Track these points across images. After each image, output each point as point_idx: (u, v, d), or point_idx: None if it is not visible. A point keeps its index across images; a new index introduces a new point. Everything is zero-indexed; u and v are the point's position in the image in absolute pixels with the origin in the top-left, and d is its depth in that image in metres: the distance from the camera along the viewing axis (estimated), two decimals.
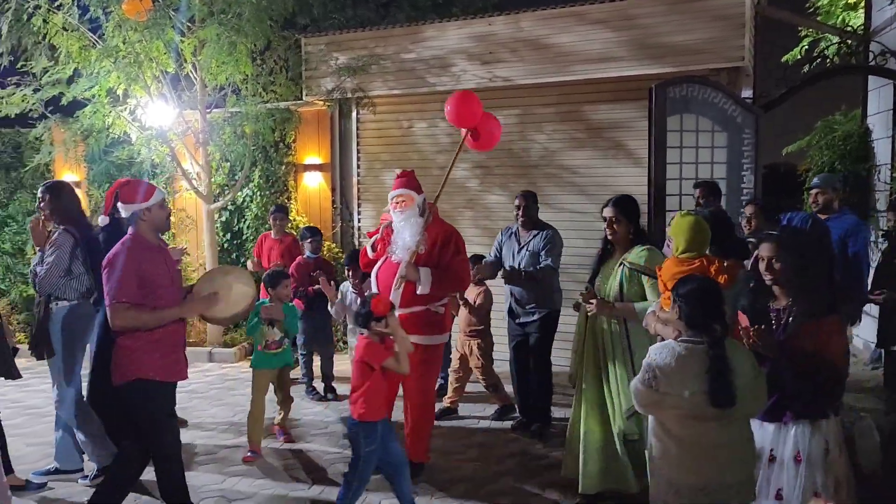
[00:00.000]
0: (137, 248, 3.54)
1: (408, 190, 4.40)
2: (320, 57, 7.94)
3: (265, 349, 4.97)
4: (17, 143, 9.30)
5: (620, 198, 3.99)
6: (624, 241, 3.95)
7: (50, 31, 6.94)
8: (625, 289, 3.84)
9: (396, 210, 4.35)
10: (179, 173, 7.86)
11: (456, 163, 7.75)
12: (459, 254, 4.42)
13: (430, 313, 4.35)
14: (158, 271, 3.57)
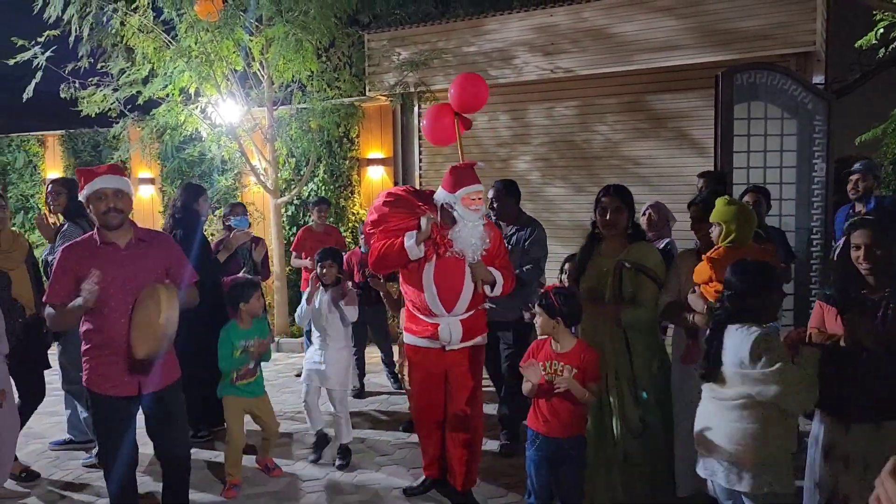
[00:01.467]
0: (79, 247, 3.23)
1: (482, 186, 3.90)
2: (383, 53, 8.06)
3: (237, 380, 4.27)
4: (96, 142, 9.74)
5: (620, 186, 3.66)
6: (621, 235, 3.59)
7: (127, 33, 7.26)
8: (623, 289, 3.50)
9: (473, 209, 3.76)
10: (248, 169, 8.11)
11: (516, 155, 7.92)
12: (506, 252, 4.13)
13: (483, 312, 4.04)
14: (103, 271, 3.10)
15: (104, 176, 3.20)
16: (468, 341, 3.91)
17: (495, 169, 8.12)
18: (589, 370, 3.21)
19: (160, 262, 3.35)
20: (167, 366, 3.36)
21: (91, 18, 7.06)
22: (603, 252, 3.65)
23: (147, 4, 7.19)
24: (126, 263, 3.22)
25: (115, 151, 8.30)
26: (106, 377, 3.22)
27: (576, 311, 3.28)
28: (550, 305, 3.22)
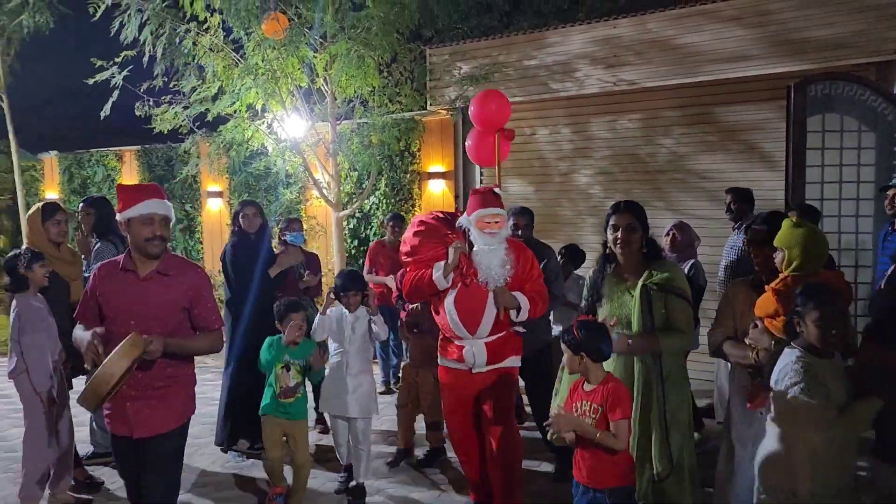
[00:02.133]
0: (108, 266, 3.09)
1: (502, 210, 3.88)
2: (444, 67, 8.09)
3: (280, 396, 4.13)
4: (168, 157, 10.11)
5: (633, 203, 3.39)
6: (637, 255, 3.33)
7: (198, 53, 7.50)
8: (655, 315, 3.24)
9: (487, 233, 3.76)
10: (311, 182, 8.25)
11: (577, 169, 7.80)
12: (539, 274, 3.97)
13: (514, 335, 3.95)
14: (113, 299, 2.98)
15: (154, 200, 2.98)
16: (496, 364, 3.86)
17: (555, 183, 8.03)
18: (612, 406, 2.88)
19: (179, 299, 3.05)
20: (166, 409, 3.05)
21: (164, 39, 7.32)
22: (619, 275, 3.40)
23: (217, 24, 7.41)
24: (141, 296, 2.98)
25: (186, 166, 8.56)
26: (110, 416, 3.06)
27: (603, 345, 2.98)
28: (573, 340, 2.97)
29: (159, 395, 3.02)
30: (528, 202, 8.13)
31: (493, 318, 3.78)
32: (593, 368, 2.97)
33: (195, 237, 10.15)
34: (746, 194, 5.68)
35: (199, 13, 7.24)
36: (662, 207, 7.29)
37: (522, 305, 3.80)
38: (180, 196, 10.17)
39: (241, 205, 5.46)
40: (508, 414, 3.89)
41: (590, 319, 3.09)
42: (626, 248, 3.30)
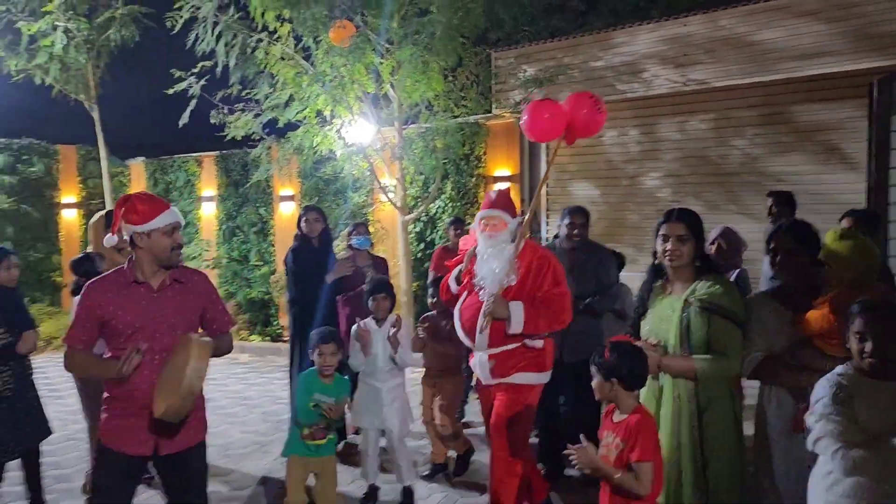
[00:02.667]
0: (104, 283, 2.88)
1: (500, 211, 3.68)
2: (509, 70, 8.06)
3: (307, 437, 3.78)
4: (244, 163, 10.44)
5: (687, 210, 3.08)
6: (688, 268, 3.04)
7: (270, 62, 7.73)
8: (692, 335, 2.93)
9: (484, 234, 3.67)
10: (377, 186, 8.36)
11: (645, 172, 7.62)
12: (559, 285, 3.67)
13: (526, 350, 3.65)
14: (125, 315, 2.83)
15: (171, 210, 2.91)
16: (502, 378, 3.65)
17: (622, 186, 7.88)
18: (632, 445, 2.60)
19: (196, 306, 3.00)
20: (192, 426, 2.95)
21: (237, 49, 7.57)
22: (665, 288, 3.13)
23: (287, 33, 7.62)
24: (157, 307, 2.88)
25: (257, 170, 8.82)
26: (120, 434, 2.86)
27: (638, 371, 2.72)
28: (604, 364, 2.71)
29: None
30: (594, 206, 8.02)
31: (491, 328, 3.58)
32: (624, 397, 2.71)
33: (268, 240, 10.45)
34: (788, 197, 5.50)
35: (271, 23, 7.45)
36: (734, 211, 7.05)
37: (514, 317, 3.53)
38: (254, 200, 10.50)
39: (304, 209, 5.58)
40: (512, 430, 3.63)
41: (624, 341, 2.82)
42: (675, 261, 3.01)
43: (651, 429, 2.66)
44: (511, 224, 3.68)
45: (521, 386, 3.66)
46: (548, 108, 3.65)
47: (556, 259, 3.74)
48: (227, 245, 10.84)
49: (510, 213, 3.71)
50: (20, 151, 10.97)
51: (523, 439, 3.71)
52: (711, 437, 2.91)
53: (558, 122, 3.61)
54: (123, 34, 9.91)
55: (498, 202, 3.72)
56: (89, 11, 9.81)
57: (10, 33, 9.60)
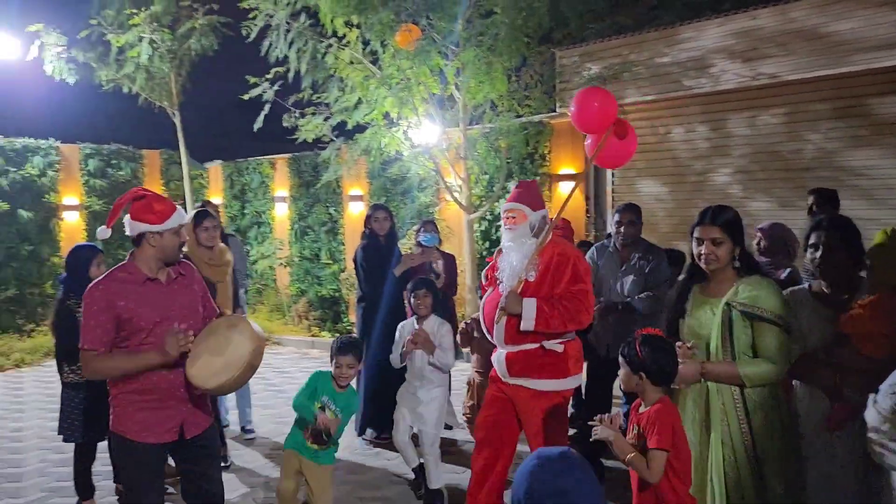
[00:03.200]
0: (112, 283, 2.93)
1: (520, 204, 3.61)
2: (573, 68, 8.06)
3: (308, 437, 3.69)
4: (315, 164, 10.78)
5: (722, 210, 2.93)
6: (727, 270, 2.92)
7: (339, 66, 7.98)
8: (735, 339, 2.84)
9: (506, 227, 3.64)
10: (442, 186, 8.51)
11: (714, 168, 7.48)
12: (579, 283, 3.53)
13: (545, 352, 3.54)
14: (146, 311, 2.92)
15: (180, 209, 3.07)
16: (518, 379, 3.57)
17: (690, 183, 7.77)
18: (649, 432, 2.61)
19: (197, 295, 3.16)
20: (205, 404, 3.17)
21: (308, 55, 7.85)
22: (704, 290, 3.00)
23: (356, 39, 7.85)
24: (171, 301, 3.01)
25: (327, 171, 9.10)
26: (148, 425, 2.95)
27: (667, 366, 2.68)
28: (633, 357, 2.69)
29: (199, 394, 3.06)
30: (660, 203, 7.95)
31: (504, 325, 3.54)
32: (650, 390, 2.70)
33: (338, 238, 10.75)
34: (830, 195, 5.33)
35: (340, 29, 7.70)
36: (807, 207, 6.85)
37: (525, 313, 3.44)
38: (325, 200, 10.82)
39: (373, 208, 5.77)
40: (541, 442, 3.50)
41: (654, 335, 2.75)
42: (711, 265, 2.91)
43: (669, 419, 2.63)
44: (532, 217, 3.59)
45: (548, 393, 3.56)
46: (598, 97, 3.66)
47: (580, 257, 3.66)
48: (299, 244, 11.21)
49: (532, 207, 3.63)
50: (109, 156, 11.64)
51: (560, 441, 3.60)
52: (761, 445, 2.83)
53: (608, 111, 3.60)
54: (203, 43, 10.40)
55: (520, 195, 3.66)
56: (172, 23, 10.35)
57: (100, 46, 10.22)
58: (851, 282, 2.84)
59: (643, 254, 4.60)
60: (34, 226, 10.45)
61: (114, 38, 10.00)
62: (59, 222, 10.82)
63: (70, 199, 11.02)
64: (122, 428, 2.97)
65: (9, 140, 10.49)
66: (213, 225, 5.02)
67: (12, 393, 7.61)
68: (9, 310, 10.12)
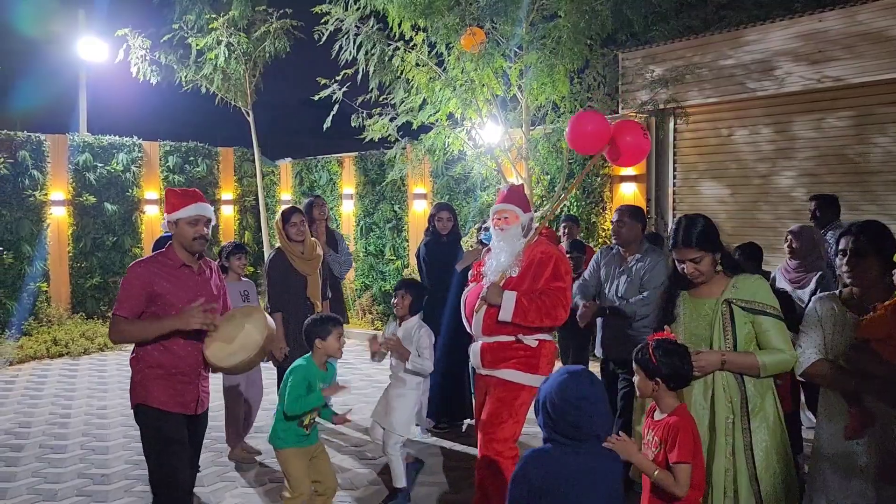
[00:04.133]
0: (153, 265, 3.30)
1: (512, 206, 3.80)
2: (636, 70, 8.12)
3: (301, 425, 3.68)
4: (381, 162, 11.11)
5: (691, 226, 2.94)
6: (712, 276, 2.99)
7: (405, 68, 8.24)
8: (737, 333, 2.91)
9: (496, 228, 3.83)
10: (504, 185, 8.68)
11: (778, 171, 7.43)
12: (558, 280, 3.69)
13: (518, 346, 3.69)
14: (179, 292, 3.27)
15: (203, 203, 3.35)
16: (492, 369, 3.73)
17: (754, 185, 7.73)
18: (671, 446, 2.58)
19: (218, 286, 3.52)
20: (208, 387, 3.51)
21: (375, 58, 8.14)
22: (699, 293, 3.03)
23: (422, 42, 8.09)
24: (200, 287, 3.35)
25: (391, 171, 9.38)
26: (174, 396, 3.28)
27: (682, 370, 2.69)
28: (648, 363, 2.68)
29: (206, 375, 3.45)
30: (723, 205, 7.93)
31: (483, 315, 3.72)
32: (666, 396, 2.69)
33: (402, 235, 11.05)
34: (831, 200, 5.41)
35: (407, 32, 7.96)
36: (875, 212, 6.75)
37: (504, 304, 3.61)
38: (390, 197, 11.14)
39: (436, 208, 5.99)
40: (488, 432, 3.64)
41: (669, 339, 2.75)
42: (698, 279, 2.98)
43: (690, 430, 2.63)
44: (523, 218, 3.79)
45: (511, 384, 3.68)
46: (591, 121, 3.84)
47: (562, 257, 3.82)
48: (364, 240, 11.57)
49: (523, 209, 3.82)
50: (187, 153, 12.27)
51: (512, 439, 3.67)
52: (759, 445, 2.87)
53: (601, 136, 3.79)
54: (277, 46, 10.84)
55: (511, 197, 3.86)
56: (248, 27, 10.82)
57: (181, 49, 10.79)
58: (883, 288, 2.75)
59: (641, 256, 4.56)
60: (118, 218, 11.12)
61: (194, 42, 10.53)
62: (140, 215, 11.48)
63: (151, 194, 11.67)
64: (154, 400, 3.27)
65: (97, 138, 11.20)
66: (300, 220, 5.31)
67: (97, 374, 8.18)
68: (94, 297, 10.82)
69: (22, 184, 10.02)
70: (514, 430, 3.69)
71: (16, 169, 10.06)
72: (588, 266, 4.91)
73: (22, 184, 10.02)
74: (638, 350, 2.75)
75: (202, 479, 4.82)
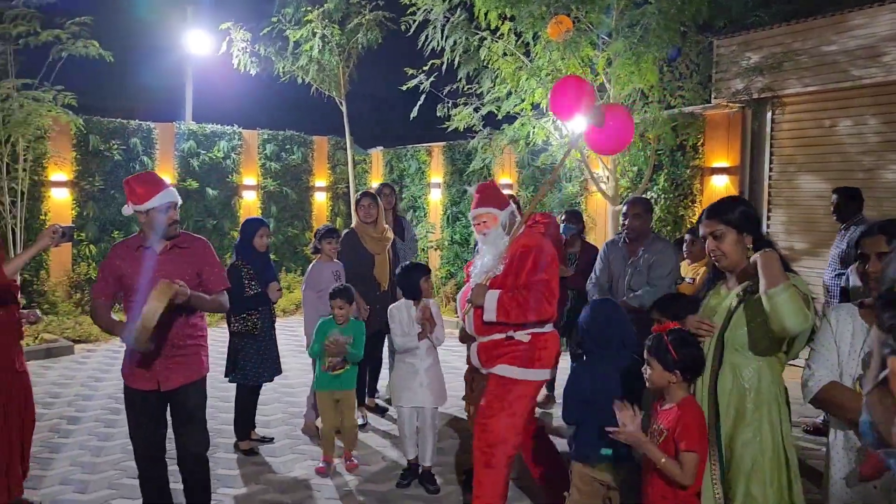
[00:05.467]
0: (119, 248, 3.48)
1: (489, 208, 3.70)
2: (731, 58, 7.79)
3: (328, 370, 4.67)
4: (468, 152, 11.16)
5: (723, 202, 2.75)
6: (742, 265, 2.68)
7: (492, 58, 8.25)
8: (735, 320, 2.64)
9: (479, 234, 3.77)
10: (589, 177, 8.55)
11: (886, 164, 6.95)
12: (538, 272, 3.56)
13: (510, 342, 3.63)
14: (135, 274, 3.38)
15: (170, 189, 3.43)
16: (489, 368, 3.71)
17: (858, 180, 7.27)
18: (680, 435, 2.54)
19: (192, 267, 3.48)
20: (187, 364, 3.50)
21: (461, 48, 8.19)
22: (726, 286, 2.80)
23: (508, 31, 8.07)
24: (159, 267, 3.37)
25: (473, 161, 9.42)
26: (132, 373, 3.44)
27: (699, 360, 2.62)
28: (665, 355, 2.60)
29: (181, 353, 3.45)
30: (824, 201, 7.51)
31: (473, 316, 3.68)
32: (678, 387, 2.63)
33: None
34: (854, 193, 5.18)
35: (493, 22, 7.95)
36: None
37: (486, 305, 3.57)
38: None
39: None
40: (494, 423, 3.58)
41: (679, 329, 2.67)
42: (719, 261, 2.72)
43: (697, 418, 2.57)
44: (502, 217, 3.68)
45: (505, 379, 3.62)
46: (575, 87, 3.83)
47: (543, 248, 3.64)
48: (450, 228, 11.68)
49: (499, 207, 3.70)
50: (284, 141, 12.75)
51: (506, 432, 3.58)
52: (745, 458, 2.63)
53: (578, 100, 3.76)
54: (369, 37, 11.08)
55: (483, 200, 3.73)
56: (342, 19, 11.11)
57: (279, 41, 11.20)
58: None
59: (648, 247, 4.54)
60: (218, 203, 11.72)
61: (291, 34, 10.91)
62: (239, 200, 12.05)
63: (249, 180, 12.22)
64: (125, 378, 3.50)
65: (200, 126, 11.82)
66: (368, 203, 5.65)
67: None
68: None
69: (133, 169, 10.72)
70: (510, 423, 3.59)
71: (128, 155, 10.78)
72: (596, 261, 5.01)
73: (133, 169, 10.72)
74: (651, 342, 2.65)
75: (274, 450, 5.10)
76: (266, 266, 5.16)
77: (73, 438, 5.38)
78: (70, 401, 6.43)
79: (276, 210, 12.56)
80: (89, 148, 10.40)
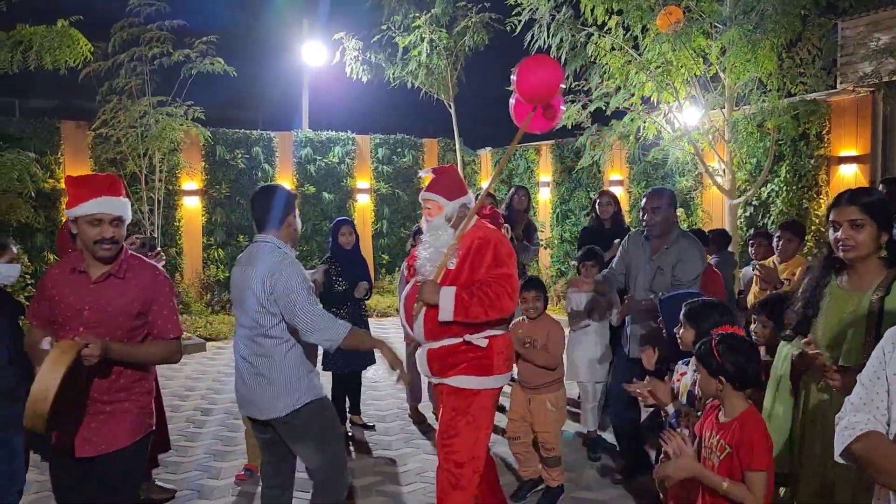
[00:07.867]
0: (57, 267, 2.77)
1: (434, 195, 3.35)
2: (858, 40, 7.32)
3: None
4: (577, 150, 11.03)
5: (864, 190, 2.50)
6: (871, 260, 2.42)
7: (599, 54, 8.14)
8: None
9: (424, 219, 3.44)
10: (703, 170, 8.28)
11: None
12: (500, 266, 3.23)
13: (467, 348, 3.26)
14: (64, 299, 2.67)
15: (104, 198, 2.60)
16: (443, 378, 3.31)
17: None
18: (746, 455, 2.30)
19: (131, 304, 2.70)
20: (112, 426, 2.69)
21: (567, 45, 8.14)
22: (848, 284, 2.53)
23: (616, 25, 7.94)
24: (93, 298, 2.66)
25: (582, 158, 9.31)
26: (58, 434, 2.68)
27: (748, 369, 2.38)
28: (709, 359, 2.41)
29: (108, 411, 2.67)
30: None
31: (424, 318, 3.27)
32: (732, 397, 2.40)
33: None
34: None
35: (600, 17, 7.86)
36: None
37: (442, 303, 3.16)
38: (586, 185, 11.07)
39: (599, 194, 6.31)
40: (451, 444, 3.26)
41: (732, 333, 2.47)
42: (849, 252, 2.43)
43: (764, 434, 2.36)
44: (448, 208, 3.33)
45: (463, 391, 3.28)
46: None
47: (502, 240, 3.35)
48: (560, 227, 11.61)
49: (448, 196, 3.35)
50: (395, 145, 13.12)
51: (473, 448, 3.27)
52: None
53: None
54: (476, 39, 11.22)
55: (433, 185, 3.40)
56: (449, 23, 11.31)
57: (389, 47, 11.55)
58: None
59: (672, 245, 4.09)
60: (333, 206, 12.21)
61: (400, 40, 11.22)
62: (353, 203, 12.51)
63: (362, 183, 12.66)
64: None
65: (316, 133, 12.37)
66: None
67: None
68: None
69: (255, 176, 11.40)
70: (474, 437, 3.28)
71: (251, 163, 11.46)
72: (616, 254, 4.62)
73: (255, 176, 11.40)
74: (700, 345, 2.50)
75: (391, 444, 5.27)
76: (354, 263, 5.36)
77: (207, 429, 5.81)
78: (203, 394, 6.93)
79: (389, 212, 12.93)
80: (216, 158, 11.15)
